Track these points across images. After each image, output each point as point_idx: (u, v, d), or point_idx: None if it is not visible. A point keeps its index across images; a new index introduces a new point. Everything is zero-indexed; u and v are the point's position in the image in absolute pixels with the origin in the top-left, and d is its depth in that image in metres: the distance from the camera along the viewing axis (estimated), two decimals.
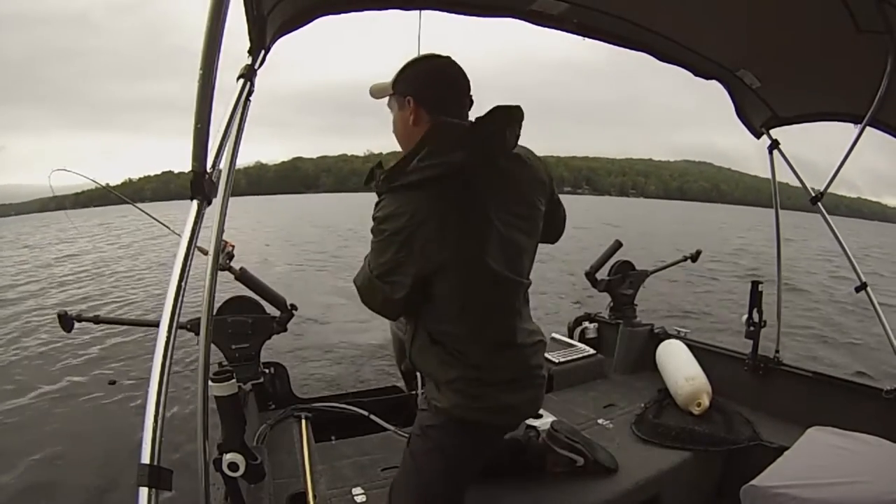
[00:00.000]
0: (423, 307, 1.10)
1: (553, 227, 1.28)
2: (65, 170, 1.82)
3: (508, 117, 1.05)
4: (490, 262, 1.05)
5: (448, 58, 1.10)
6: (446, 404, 1.11)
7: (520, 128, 1.07)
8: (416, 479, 1.18)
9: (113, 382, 2.75)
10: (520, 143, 1.11)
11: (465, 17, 1.42)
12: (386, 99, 1.15)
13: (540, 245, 1.20)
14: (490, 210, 1.04)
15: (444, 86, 1.08)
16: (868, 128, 1.62)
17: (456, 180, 1.00)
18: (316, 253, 12.97)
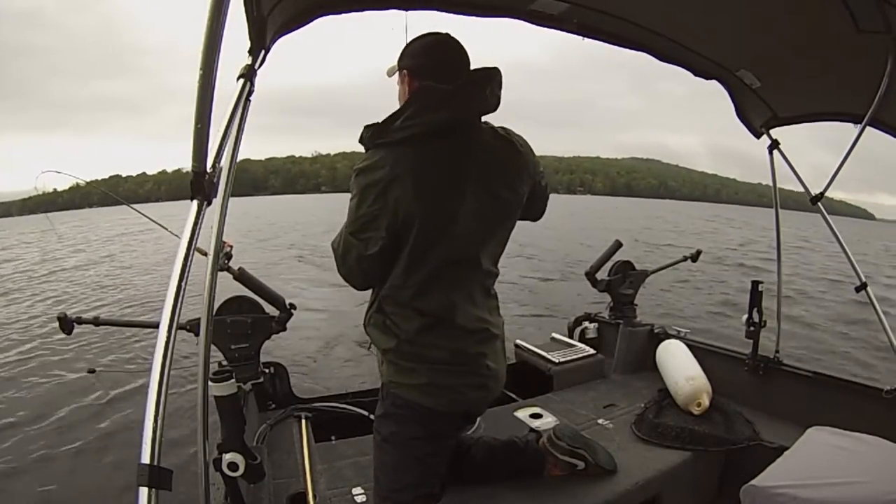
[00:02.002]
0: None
1: (537, 206, 1.31)
2: (56, 171, 1.83)
3: (487, 77, 1.07)
4: (456, 230, 1.06)
5: (446, 34, 1.12)
6: (385, 378, 1.16)
7: (500, 88, 1.09)
8: (378, 474, 1.23)
9: (92, 371, 2.77)
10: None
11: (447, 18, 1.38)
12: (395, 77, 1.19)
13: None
14: (468, 181, 1.06)
15: (436, 57, 1.10)
16: (867, 127, 1.62)
17: (441, 142, 1.04)
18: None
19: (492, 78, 1.08)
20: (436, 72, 1.08)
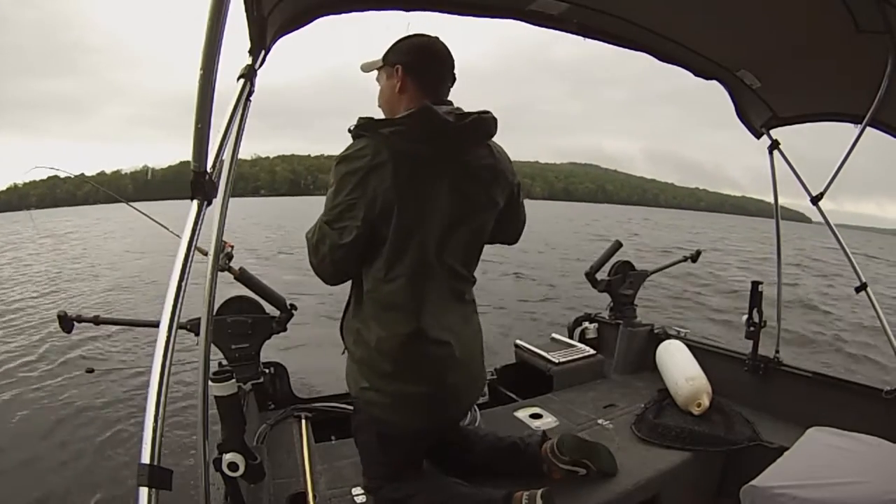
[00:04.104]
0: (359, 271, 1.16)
1: (513, 227, 1.34)
2: (52, 167, 1.84)
3: (484, 131, 1.15)
4: (431, 225, 1.10)
5: (436, 37, 1.17)
6: (353, 390, 1.22)
7: (489, 137, 1.18)
8: (362, 458, 1.35)
9: (91, 370, 2.79)
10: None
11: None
12: (374, 74, 1.23)
13: None
14: (444, 177, 1.10)
15: (428, 58, 1.16)
16: (867, 128, 1.62)
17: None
18: None
19: (487, 133, 1.16)
20: (425, 74, 1.15)
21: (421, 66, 1.14)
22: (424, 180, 1.09)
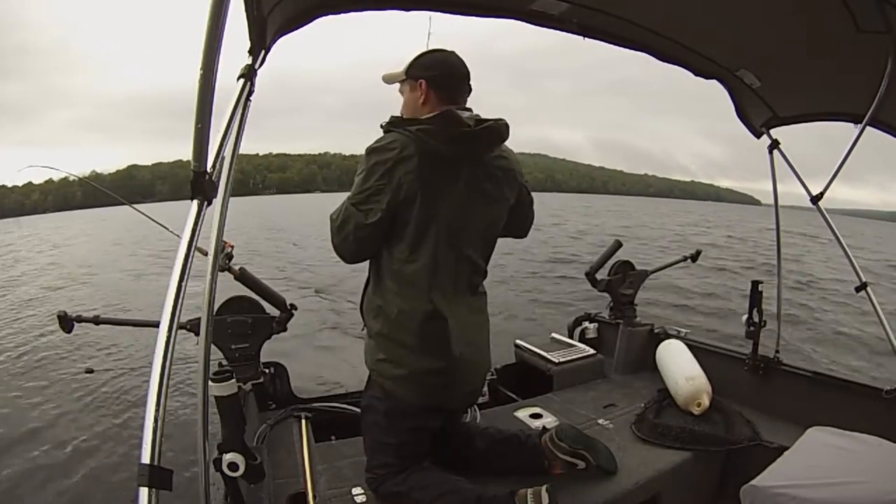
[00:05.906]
0: (382, 250, 1.25)
1: (521, 221, 1.44)
2: (47, 167, 1.83)
3: (497, 136, 1.25)
4: (451, 213, 1.21)
5: (452, 52, 1.30)
6: (369, 363, 1.30)
7: (501, 142, 1.28)
8: (366, 450, 1.41)
9: (91, 371, 2.79)
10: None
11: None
12: (396, 85, 1.33)
13: None
14: (463, 172, 1.22)
15: (448, 72, 1.27)
16: (867, 127, 1.62)
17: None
18: None
19: (501, 137, 1.26)
20: (446, 86, 1.26)
21: (442, 79, 1.26)
22: (445, 176, 1.20)
